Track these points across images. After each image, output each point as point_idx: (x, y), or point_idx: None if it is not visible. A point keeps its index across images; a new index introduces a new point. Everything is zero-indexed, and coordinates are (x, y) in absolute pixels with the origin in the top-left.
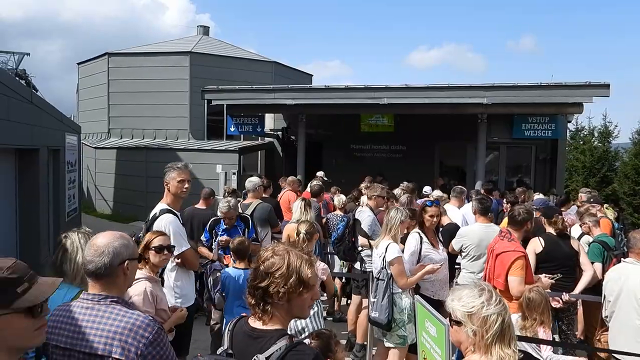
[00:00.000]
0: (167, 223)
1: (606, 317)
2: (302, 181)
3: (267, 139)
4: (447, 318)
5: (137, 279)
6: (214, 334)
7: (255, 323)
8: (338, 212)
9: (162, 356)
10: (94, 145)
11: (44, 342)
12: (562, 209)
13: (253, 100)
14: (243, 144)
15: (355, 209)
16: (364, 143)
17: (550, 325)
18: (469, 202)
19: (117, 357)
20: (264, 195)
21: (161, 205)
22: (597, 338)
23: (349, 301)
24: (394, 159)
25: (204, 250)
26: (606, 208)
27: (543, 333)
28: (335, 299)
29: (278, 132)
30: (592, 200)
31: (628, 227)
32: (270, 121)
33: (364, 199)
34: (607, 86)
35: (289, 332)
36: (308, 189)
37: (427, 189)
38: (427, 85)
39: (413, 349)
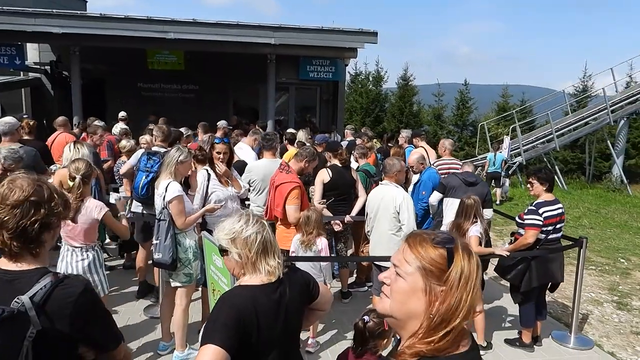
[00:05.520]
0: None
1: (368, 231)
2: (80, 124)
3: (31, 74)
4: None
5: None
6: None
7: (7, 265)
8: (124, 157)
9: None
10: None
11: None
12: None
13: (6, 26)
14: None
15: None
16: (153, 82)
17: (324, 235)
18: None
19: None
20: (27, 138)
21: None
22: (361, 250)
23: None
24: (187, 99)
25: None
26: (375, 142)
27: (322, 241)
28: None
29: (46, 67)
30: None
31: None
32: (34, 53)
33: (146, 138)
34: (376, 34)
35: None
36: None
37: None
38: (216, 21)
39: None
